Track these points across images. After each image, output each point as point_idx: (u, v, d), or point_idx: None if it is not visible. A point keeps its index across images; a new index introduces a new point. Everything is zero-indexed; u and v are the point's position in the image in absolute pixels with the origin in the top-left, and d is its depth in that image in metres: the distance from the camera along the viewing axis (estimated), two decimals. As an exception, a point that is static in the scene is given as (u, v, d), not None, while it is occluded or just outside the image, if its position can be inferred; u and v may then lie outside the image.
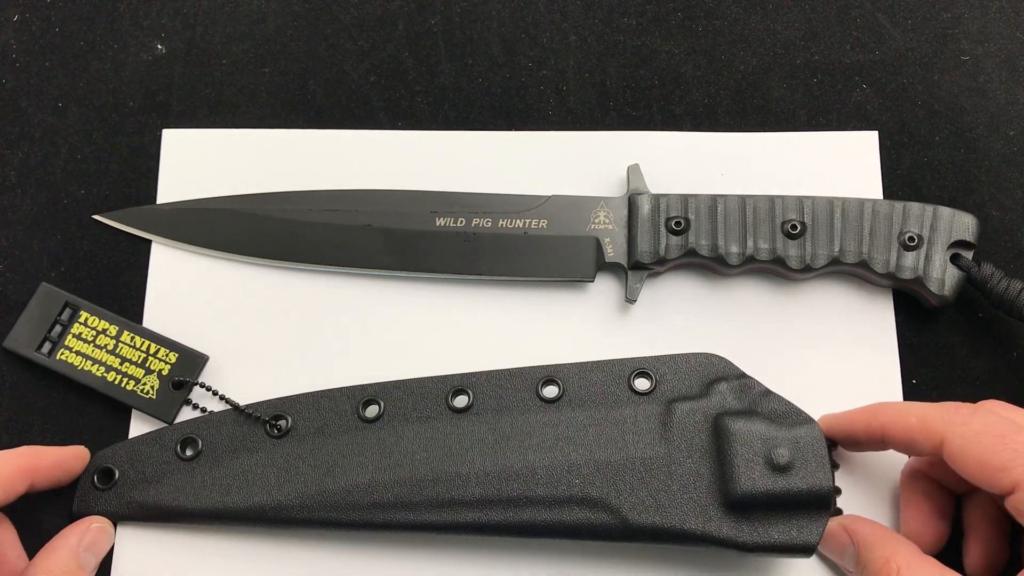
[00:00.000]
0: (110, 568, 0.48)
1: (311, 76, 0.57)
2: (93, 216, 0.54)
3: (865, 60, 0.57)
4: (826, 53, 0.57)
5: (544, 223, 0.52)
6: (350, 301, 0.53)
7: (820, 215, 0.51)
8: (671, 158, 0.55)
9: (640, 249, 0.51)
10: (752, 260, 0.51)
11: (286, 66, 0.57)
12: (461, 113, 0.56)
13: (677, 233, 0.51)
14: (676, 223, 0.51)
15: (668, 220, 0.51)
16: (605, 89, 0.57)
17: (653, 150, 0.55)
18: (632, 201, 0.52)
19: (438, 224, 0.53)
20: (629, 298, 0.51)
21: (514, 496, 0.45)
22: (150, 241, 0.54)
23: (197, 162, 0.55)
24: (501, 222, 0.52)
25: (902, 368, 0.51)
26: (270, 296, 0.53)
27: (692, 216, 0.51)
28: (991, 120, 0.56)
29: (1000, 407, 0.43)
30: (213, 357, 0.51)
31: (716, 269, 0.52)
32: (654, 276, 0.53)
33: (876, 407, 0.45)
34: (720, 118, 0.56)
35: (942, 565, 0.41)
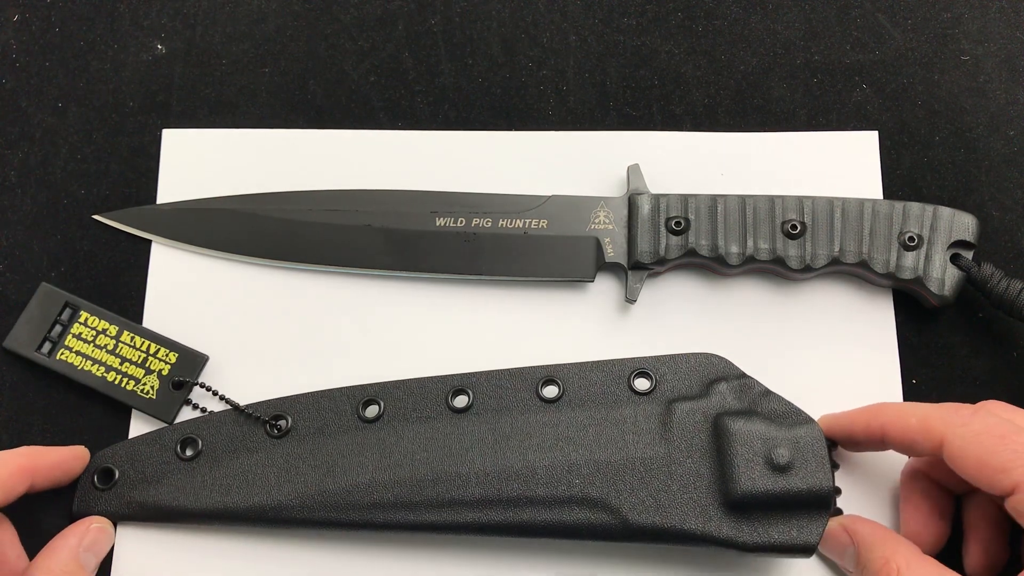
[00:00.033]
0: (110, 568, 0.48)
1: (311, 76, 0.57)
2: (93, 216, 0.54)
3: (865, 60, 0.57)
4: (826, 53, 0.57)
5: (544, 223, 0.52)
6: (350, 301, 0.53)
7: (820, 215, 0.51)
8: (671, 158, 0.55)
9: (640, 249, 0.51)
10: (752, 260, 0.51)
11: (286, 66, 0.57)
12: (461, 113, 0.56)
13: (677, 233, 0.51)
14: (676, 223, 0.51)
15: (668, 220, 0.51)
16: (605, 89, 0.57)
17: (653, 150, 0.55)
18: (632, 201, 0.52)
19: (438, 224, 0.53)
20: (629, 298, 0.51)
21: (514, 496, 0.45)
22: (150, 241, 0.54)
23: (197, 162, 0.55)
24: (501, 222, 0.52)
25: (902, 368, 0.51)
26: (270, 296, 0.53)
27: (692, 216, 0.51)
28: (991, 120, 0.55)
29: (1000, 408, 0.43)
30: (213, 357, 0.51)
31: (716, 269, 0.52)
32: (654, 276, 0.53)
33: (876, 407, 0.45)
34: (720, 118, 0.56)
35: (942, 565, 0.41)
